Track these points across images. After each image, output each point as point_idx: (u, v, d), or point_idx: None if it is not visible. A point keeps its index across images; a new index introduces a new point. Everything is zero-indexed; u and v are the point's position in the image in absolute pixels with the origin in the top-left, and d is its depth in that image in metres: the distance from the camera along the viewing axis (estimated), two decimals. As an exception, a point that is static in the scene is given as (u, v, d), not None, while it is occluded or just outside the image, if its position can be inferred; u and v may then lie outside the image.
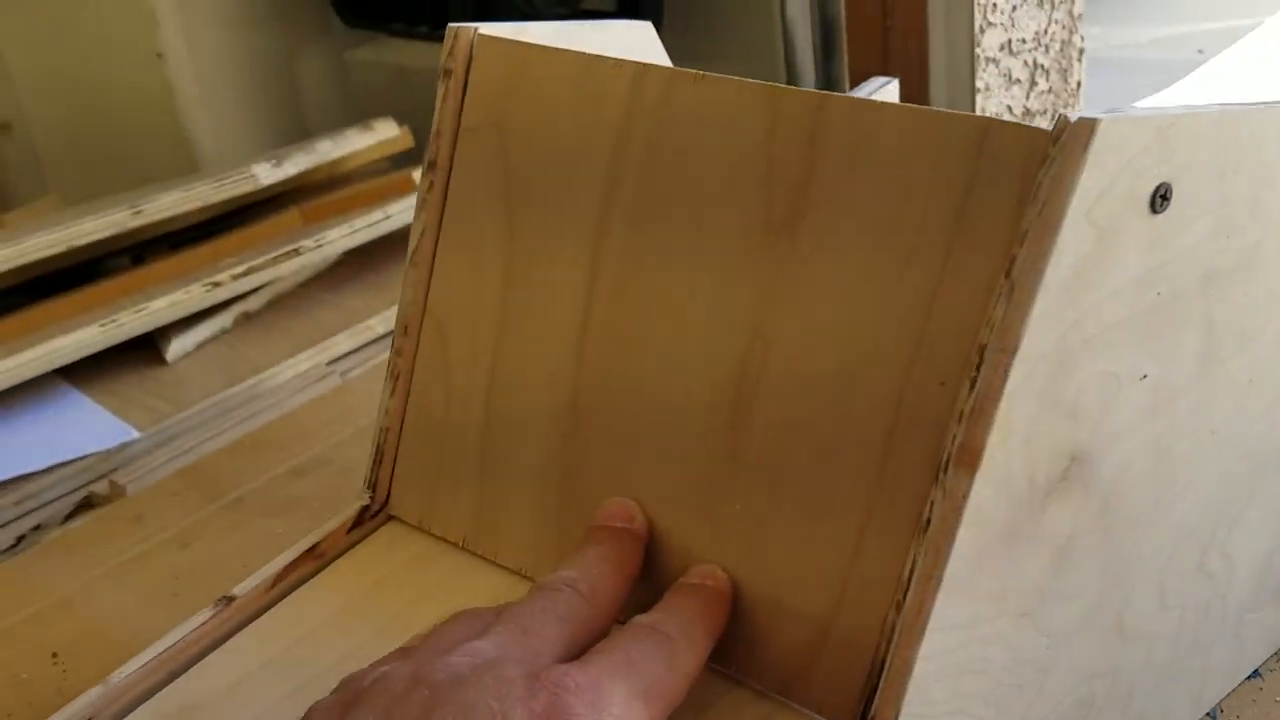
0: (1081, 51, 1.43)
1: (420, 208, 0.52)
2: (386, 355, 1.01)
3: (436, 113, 0.52)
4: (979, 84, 1.31)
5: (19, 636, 0.62)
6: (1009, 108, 1.36)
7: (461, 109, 0.51)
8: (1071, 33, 1.41)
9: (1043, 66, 1.38)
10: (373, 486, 0.53)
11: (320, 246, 1.02)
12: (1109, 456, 0.41)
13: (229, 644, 0.47)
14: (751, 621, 0.43)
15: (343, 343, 0.99)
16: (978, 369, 0.37)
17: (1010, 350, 0.37)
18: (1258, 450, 0.46)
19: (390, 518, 0.53)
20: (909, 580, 0.38)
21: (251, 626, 0.48)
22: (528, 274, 0.49)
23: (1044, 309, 0.37)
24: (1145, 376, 0.41)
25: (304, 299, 1.05)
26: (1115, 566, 0.43)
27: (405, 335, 0.52)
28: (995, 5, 1.29)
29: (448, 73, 0.52)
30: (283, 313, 1.04)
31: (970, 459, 0.37)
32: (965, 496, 0.37)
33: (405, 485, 0.52)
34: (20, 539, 0.82)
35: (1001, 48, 1.32)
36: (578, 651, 0.39)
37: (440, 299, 0.52)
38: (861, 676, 0.40)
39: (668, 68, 0.46)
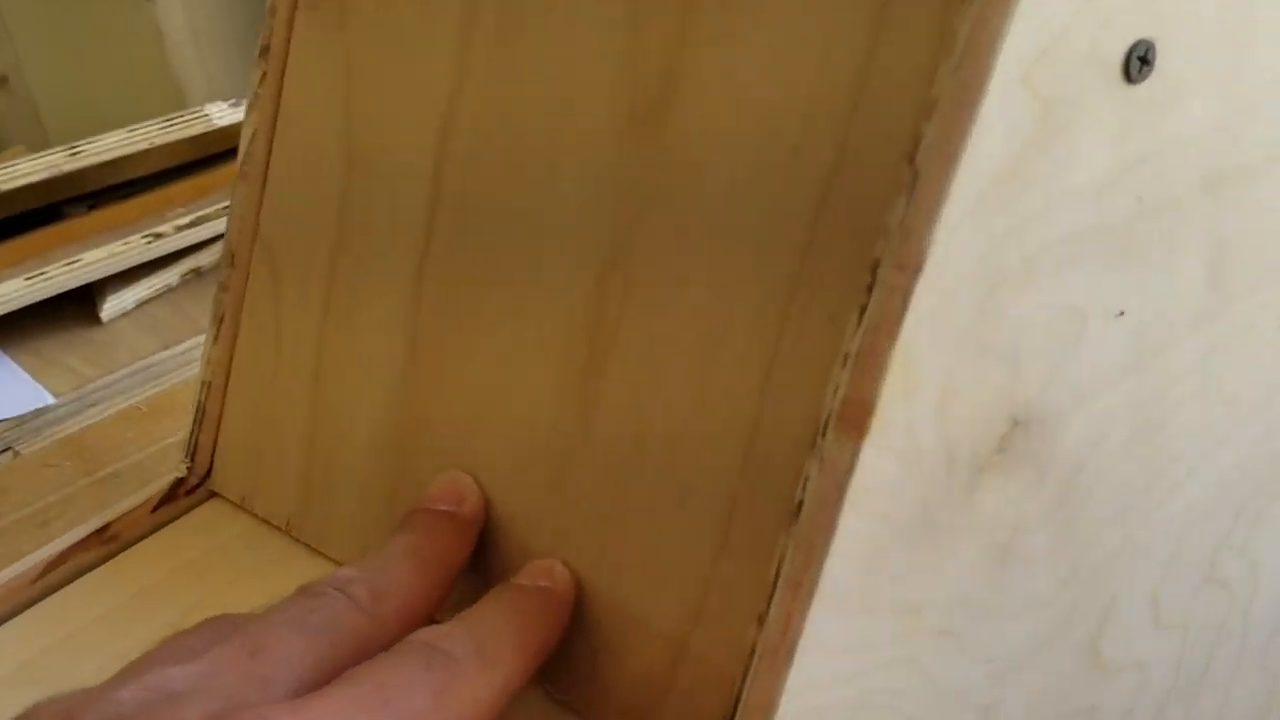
0: None
1: (251, 105, 0.43)
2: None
3: (273, -9, 0.43)
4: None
5: None
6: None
7: (299, -17, 0.42)
8: None
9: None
10: (191, 455, 0.44)
11: (277, 196, 0.93)
12: (1071, 422, 0.31)
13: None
14: (597, 636, 0.33)
15: (296, 302, 0.90)
16: (868, 292, 0.27)
17: (912, 268, 0.27)
18: (1267, 424, 0.36)
19: (213, 494, 0.44)
20: (774, 585, 0.28)
21: (9, 624, 0.39)
22: (364, 201, 0.39)
23: (964, 211, 0.27)
24: (1123, 314, 0.31)
25: (262, 255, 0.96)
26: (1084, 573, 0.33)
27: (233, 267, 0.43)
28: None
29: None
30: (238, 270, 0.95)
31: (857, 418, 0.27)
32: (849, 471, 0.27)
33: (229, 455, 0.43)
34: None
35: None
36: (338, 674, 0.29)
37: (271, 223, 0.42)
38: (719, 714, 0.30)
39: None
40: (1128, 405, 0.32)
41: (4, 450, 0.79)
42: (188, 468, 0.44)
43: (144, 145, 0.93)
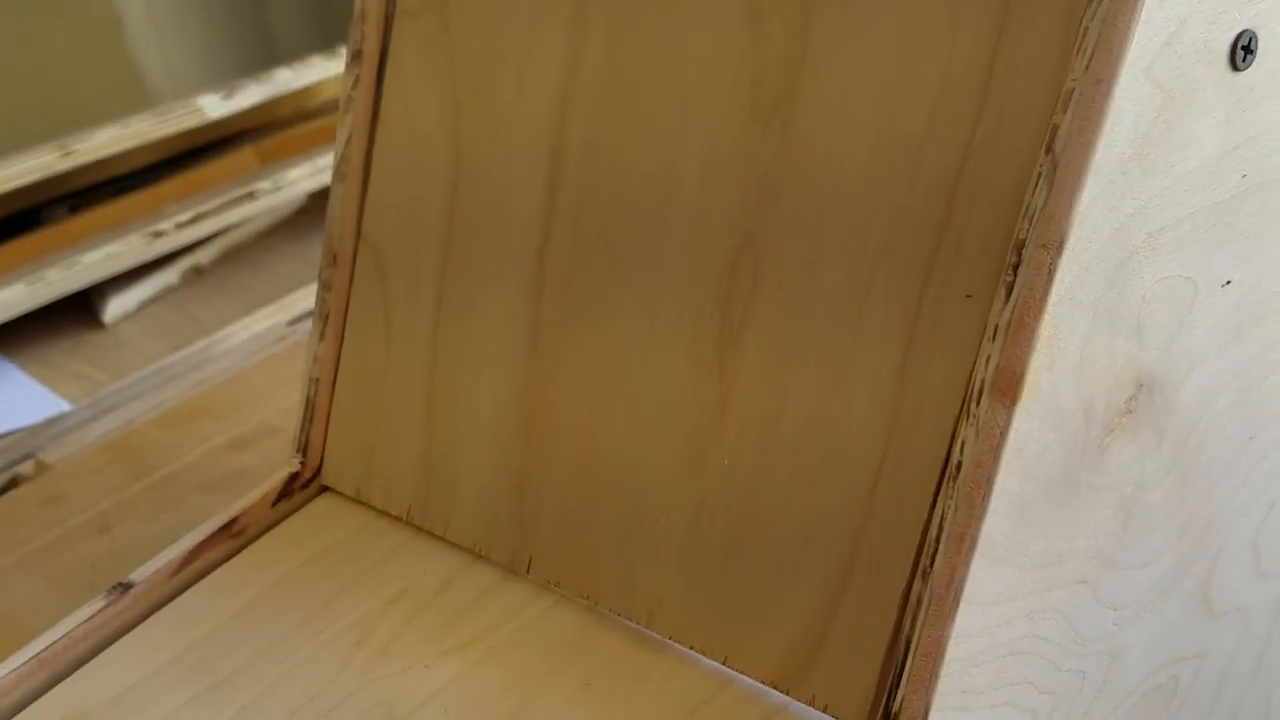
0: None
1: (345, 109, 0.48)
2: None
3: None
4: None
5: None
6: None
7: (396, -12, 0.47)
8: None
9: None
10: (303, 450, 0.48)
11: (279, 189, 0.97)
12: (1185, 385, 0.36)
13: (125, 640, 0.43)
14: (744, 597, 0.38)
15: (305, 300, 0.94)
16: (1015, 271, 0.32)
17: (1055, 246, 0.32)
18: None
19: (324, 488, 0.48)
20: (937, 540, 0.34)
21: (153, 619, 0.44)
22: (477, 198, 0.44)
23: (1096, 194, 0.32)
24: (1229, 283, 0.36)
25: (263, 250, 1.00)
26: (1197, 524, 0.38)
27: (334, 266, 0.48)
28: None
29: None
30: (238, 266, 0.99)
31: (1010, 386, 0.32)
32: (1004, 433, 0.33)
33: (340, 449, 0.48)
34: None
35: None
36: None
37: (376, 220, 0.47)
38: (876, 663, 0.35)
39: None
40: (1232, 368, 0.37)
41: (25, 458, 0.83)
42: (300, 462, 0.48)
43: (136, 142, 0.97)
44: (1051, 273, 0.32)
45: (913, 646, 0.34)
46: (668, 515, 0.40)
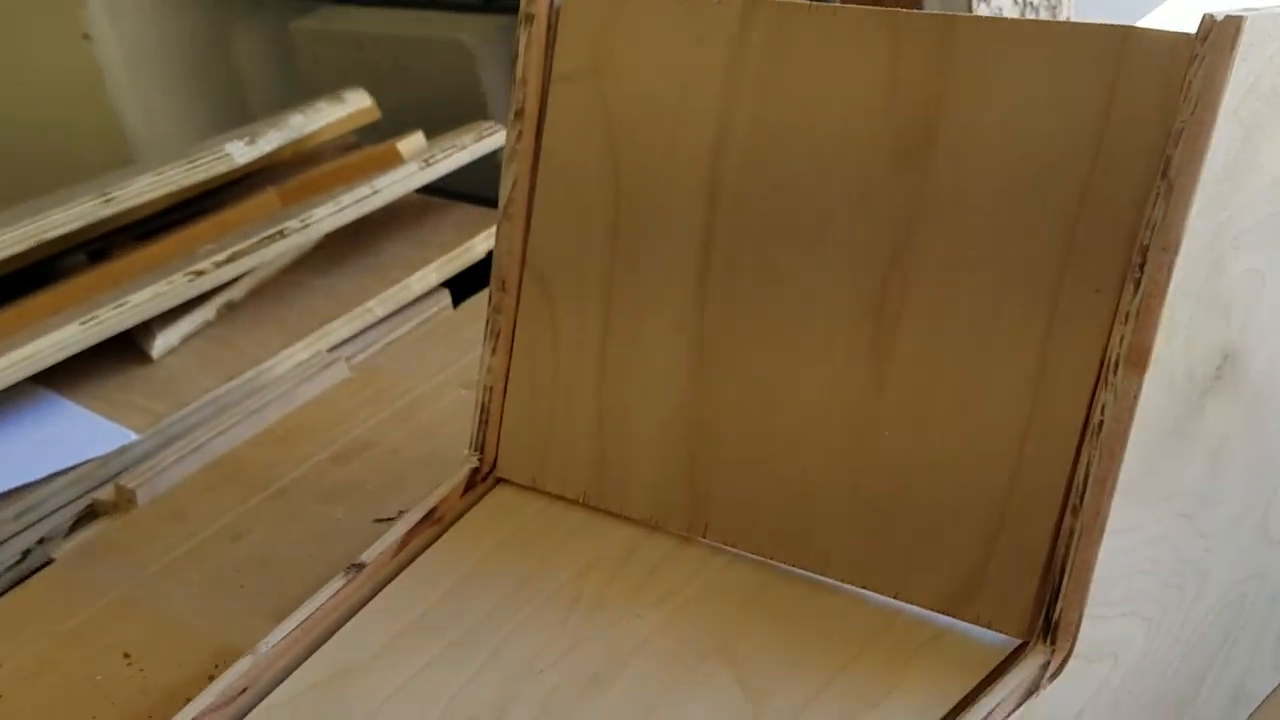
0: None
1: (510, 159, 0.56)
2: (388, 339, 1.05)
3: (520, 60, 0.56)
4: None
5: (84, 639, 0.66)
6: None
7: (549, 55, 0.55)
8: (1065, -36, 1.48)
9: (1033, 5, 1.45)
10: (480, 448, 0.57)
11: (306, 226, 1.05)
12: (1256, 354, 0.46)
13: (366, 610, 0.51)
14: (910, 544, 0.48)
15: (341, 329, 1.02)
16: (1141, 269, 0.42)
17: (1172, 248, 0.42)
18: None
19: (499, 480, 0.57)
20: (1085, 483, 0.43)
21: (385, 592, 0.52)
22: (637, 225, 0.53)
23: (1200, 207, 0.42)
24: (1287, 274, 0.46)
25: (288, 285, 1.08)
26: (1262, 468, 0.48)
27: (503, 291, 0.56)
28: None
29: (529, 18, 0.56)
30: (268, 301, 1.07)
31: (1140, 359, 0.43)
32: (1136, 397, 0.43)
33: (514, 445, 0.57)
34: (26, 553, 0.85)
35: (997, -17, 1.38)
36: None
37: (540, 251, 0.56)
38: (1032, 587, 0.45)
39: (776, 1, 0.51)
40: (1285, 345, 0.48)
41: (100, 485, 0.90)
42: (478, 459, 0.57)
43: (172, 188, 1.05)
44: (1170, 270, 0.42)
45: (1068, 568, 0.44)
46: (834, 483, 0.49)
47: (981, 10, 1.39)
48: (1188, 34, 0.43)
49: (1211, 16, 0.42)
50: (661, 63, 0.53)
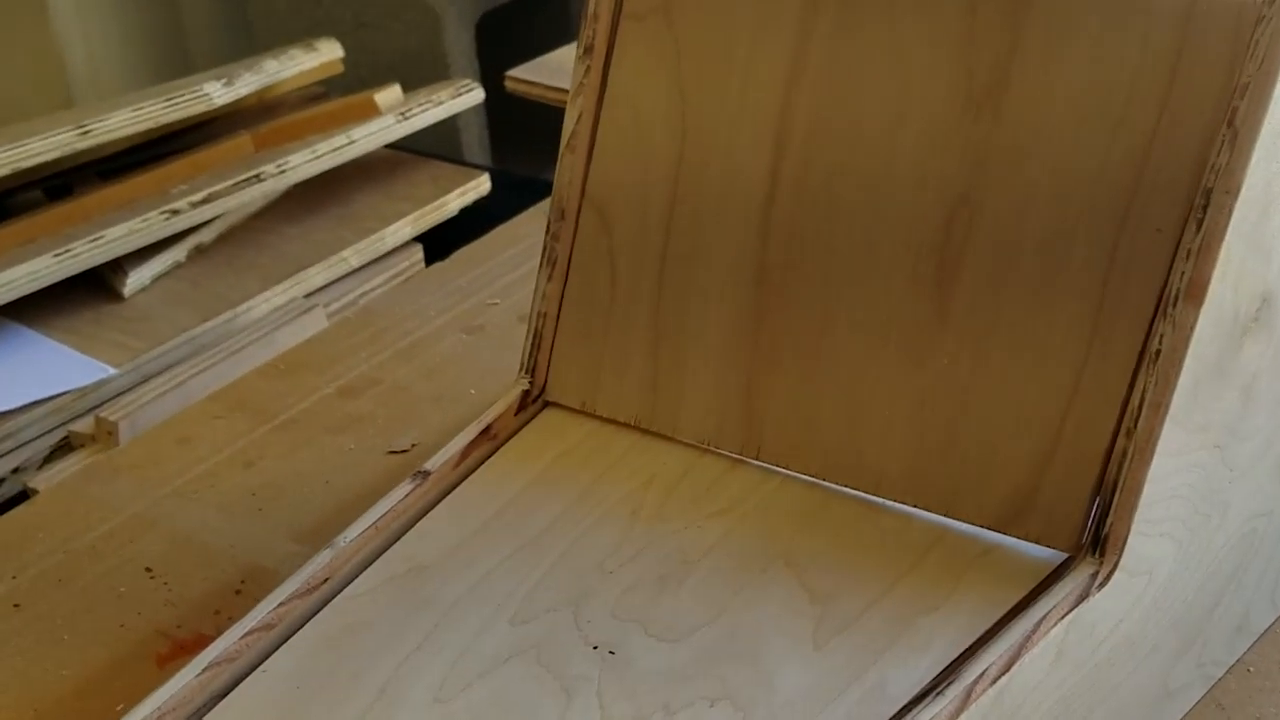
0: None
1: (576, 93, 0.60)
2: (364, 290, 1.07)
3: (592, -1, 0.60)
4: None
5: (104, 553, 0.68)
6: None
7: (620, -6, 0.59)
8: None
9: None
10: (531, 371, 0.61)
11: (282, 172, 1.07)
12: (1288, 301, 0.52)
13: (434, 513, 0.55)
14: (964, 466, 0.52)
15: (316, 276, 1.05)
16: (1205, 210, 0.48)
17: (1235, 192, 0.47)
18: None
19: (547, 404, 0.61)
20: (1140, 408, 0.48)
21: (450, 498, 0.56)
22: (706, 151, 0.57)
23: (1260, 157, 0.47)
24: (1321, 227, 0.52)
25: (260, 231, 1.10)
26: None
27: (562, 220, 0.60)
28: None
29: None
30: (238, 246, 1.09)
31: (1198, 293, 0.48)
32: (1192, 329, 0.48)
33: (564, 370, 0.60)
34: (0, 481, 0.87)
35: None
36: None
37: (600, 185, 0.60)
38: (1084, 504, 0.50)
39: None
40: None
41: (76, 418, 0.92)
42: (530, 382, 0.60)
43: (150, 124, 1.06)
44: (1230, 212, 0.47)
45: (1120, 486, 0.49)
46: (890, 408, 0.54)
47: None
48: (1252, -1, 0.48)
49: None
50: (733, 7, 0.57)
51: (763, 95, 0.56)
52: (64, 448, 0.91)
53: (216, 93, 1.09)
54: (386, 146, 1.16)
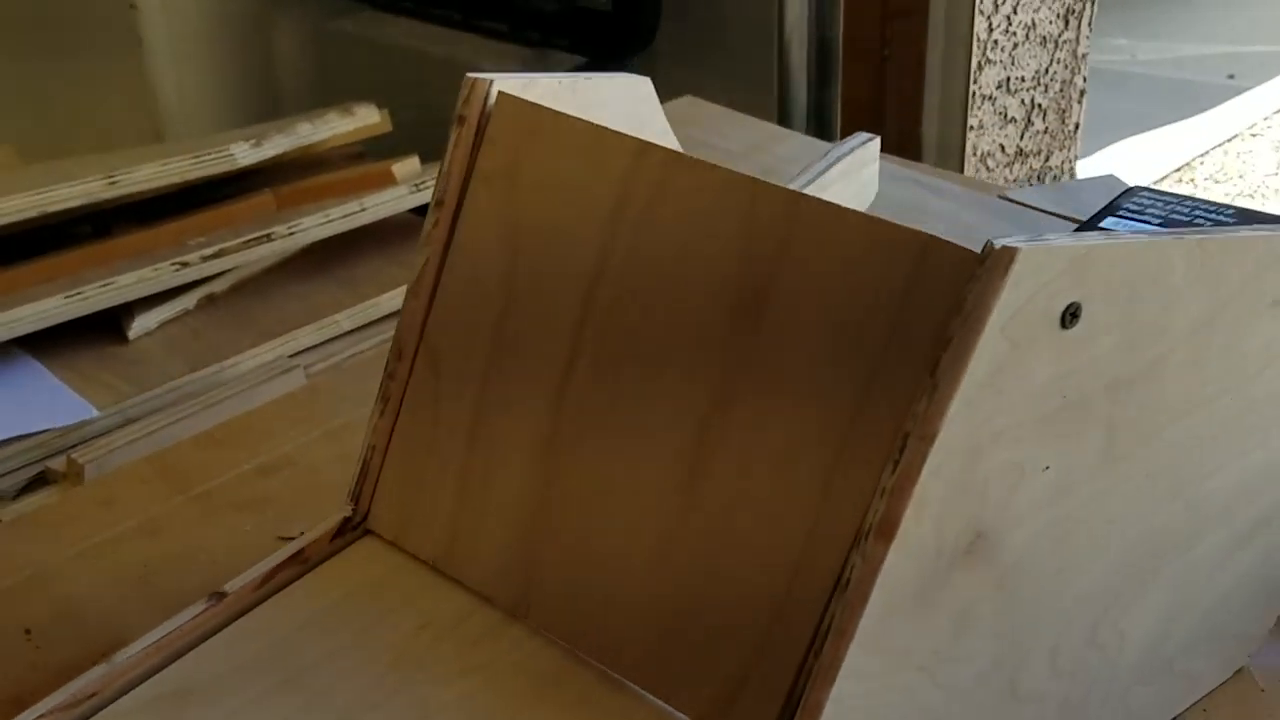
0: (1083, 93, 1.56)
1: (424, 243, 0.63)
2: (351, 353, 1.12)
3: (448, 155, 0.63)
4: (972, 121, 1.43)
5: (-5, 609, 0.73)
6: (1001, 146, 1.48)
7: (474, 155, 0.62)
8: (1074, 73, 1.54)
9: (1040, 106, 1.51)
10: (355, 499, 0.64)
11: (293, 234, 1.13)
12: (1011, 535, 0.53)
13: (220, 635, 0.59)
14: (686, 658, 0.54)
15: (306, 336, 1.10)
16: (900, 453, 0.49)
17: (929, 439, 0.49)
18: (1153, 539, 0.58)
19: (367, 532, 0.64)
20: (827, 632, 0.50)
21: (240, 621, 0.59)
22: (519, 325, 0.60)
23: (959, 407, 0.49)
24: (1048, 468, 0.53)
25: (268, 286, 1.16)
26: (1013, 632, 0.55)
27: (400, 360, 0.64)
28: (996, 42, 1.41)
29: (461, 119, 0.63)
30: (247, 298, 1.15)
31: (888, 530, 0.49)
32: (880, 563, 0.49)
33: (384, 502, 0.64)
34: (-26, 508, 0.93)
35: (999, 86, 1.44)
36: None
37: (436, 331, 0.63)
38: (777, 709, 0.52)
39: (665, 150, 0.58)
40: (1046, 525, 0.54)
41: (55, 454, 0.98)
42: (352, 509, 0.64)
43: (175, 179, 1.12)
44: (924, 457, 0.49)
45: (802, 704, 0.50)
46: (637, 588, 0.56)
47: (983, 109, 1.45)
48: (974, 253, 0.50)
49: (991, 244, 0.49)
50: (564, 181, 0.60)
51: (577, 268, 0.59)
52: (40, 480, 0.97)
53: (242, 154, 1.15)
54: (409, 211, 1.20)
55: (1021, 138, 1.57)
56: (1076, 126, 1.65)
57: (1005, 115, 1.54)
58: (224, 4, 1.55)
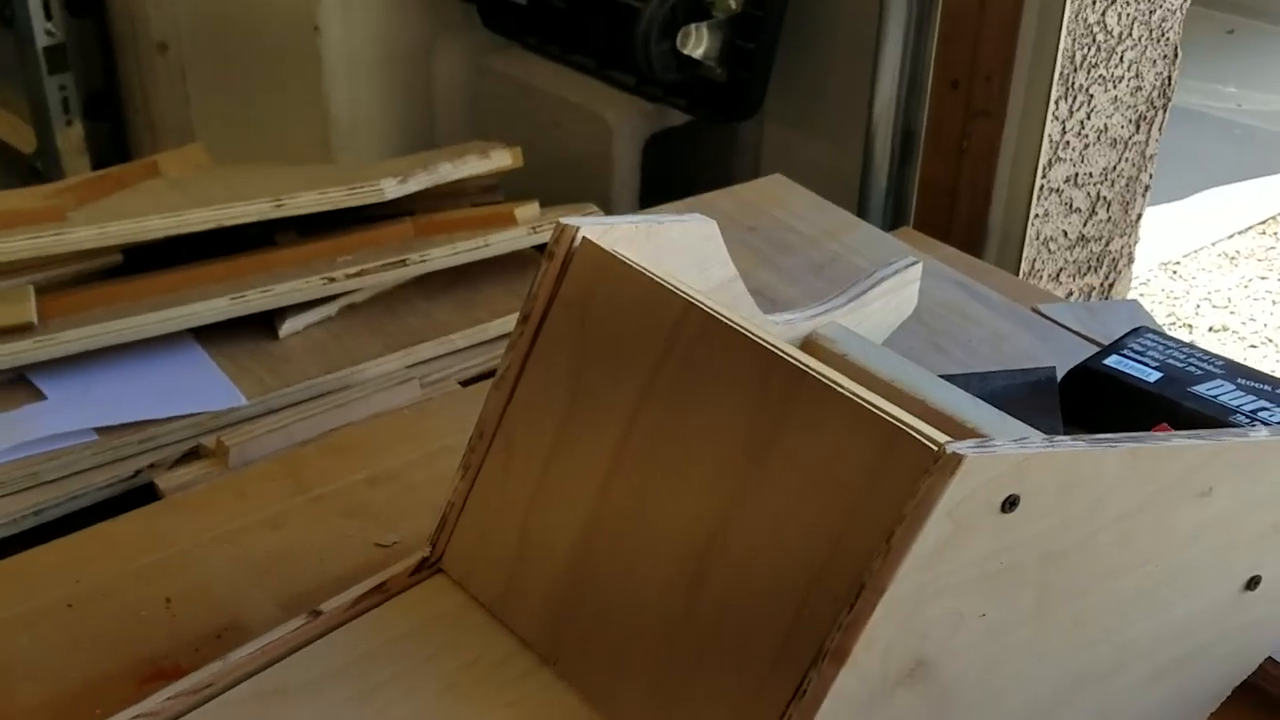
0: (1148, 188, 1.60)
1: (511, 345, 0.72)
2: (461, 367, 1.20)
3: (537, 280, 0.72)
4: (1038, 210, 1.48)
5: (144, 579, 0.83)
6: (1064, 232, 1.53)
7: (558, 284, 0.71)
8: (1141, 170, 1.58)
9: (1105, 199, 1.55)
10: (434, 544, 0.73)
11: (423, 261, 1.22)
12: (949, 665, 0.60)
13: (313, 647, 0.68)
14: (671, 714, 0.63)
15: (426, 350, 1.19)
16: (857, 598, 0.57)
17: (880, 592, 0.56)
18: (1079, 672, 0.65)
19: (439, 570, 0.73)
20: (781, 734, 0.58)
21: (330, 635, 0.69)
22: (577, 428, 0.68)
23: (908, 569, 0.56)
24: (984, 615, 0.60)
25: (400, 301, 1.25)
26: (943, 742, 0.62)
27: (480, 438, 0.72)
28: (1068, 143, 1.45)
29: (551, 254, 0.71)
30: (380, 310, 1.24)
31: (840, 657, 0.57)
32: (832, 681, 0.57)
33: (457, 549, 0.73)
34: (138, 472, 1.04)
35: (1067, 180, 1.49)
36: None
37: (513, 418, 0.71)
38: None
39: (704, 312, 0.65)
40: (981, 658, 0.61)
41: (207, 433, 1.08)
42: (431, 550, 0.73)
43: (329, 207, 1.22)
44: (875, 605, 0.56)
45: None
46: (644, 658, 0.64)
47: (1049, 200, 1.50)
48: (931, 450, 0.57)
49: (944, 449, 0.56)
50: (625, 318, 0.68)
51: (618, 407, 0.67)
52: (192, 454, 1.07)
53: (390, 189, 1.24)
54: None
55: (1085, 225, 1.61)
56: (1139, 217, 1.69)
57: (1070, 205, 1.59)
58: (398, 31, 1.64)
